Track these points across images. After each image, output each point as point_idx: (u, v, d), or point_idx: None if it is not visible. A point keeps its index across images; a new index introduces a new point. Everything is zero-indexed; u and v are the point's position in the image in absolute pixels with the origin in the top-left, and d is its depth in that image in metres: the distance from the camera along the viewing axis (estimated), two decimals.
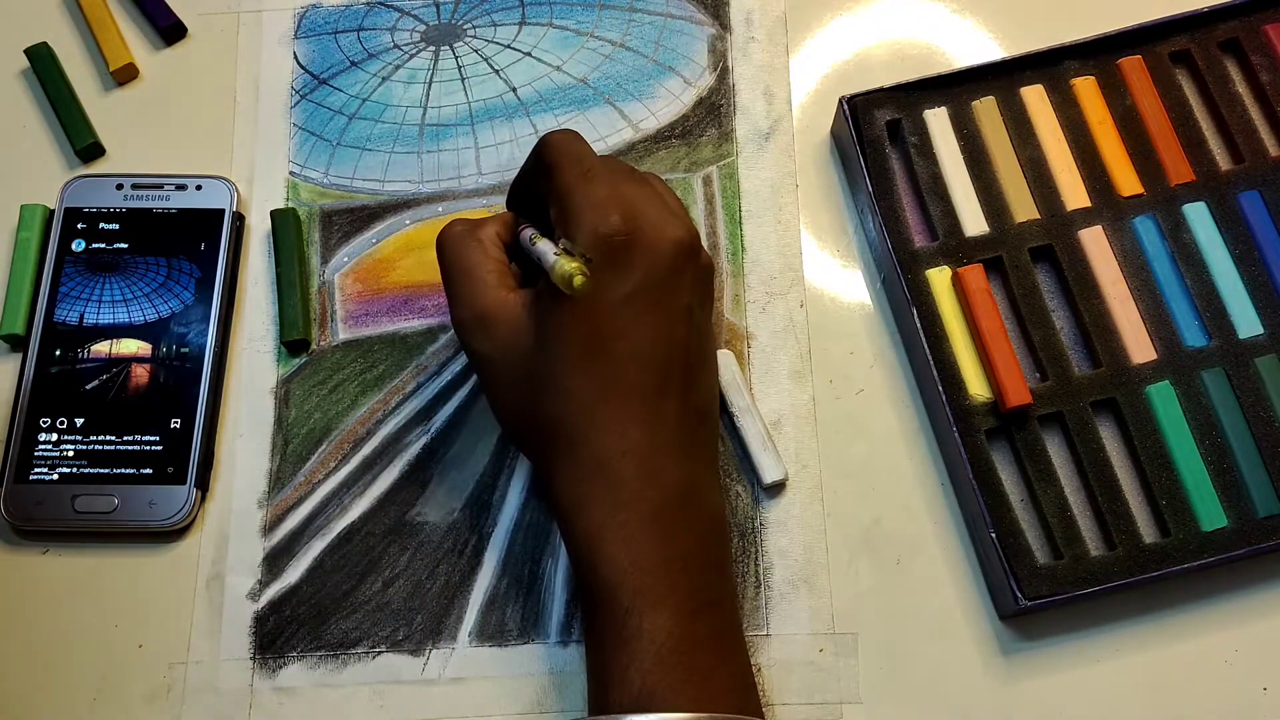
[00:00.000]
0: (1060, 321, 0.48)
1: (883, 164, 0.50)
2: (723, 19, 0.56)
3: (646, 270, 0.41)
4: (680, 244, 0.42)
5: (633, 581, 0.39)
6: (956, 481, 0.47)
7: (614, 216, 0.40)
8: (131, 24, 0.57)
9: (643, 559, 0.40)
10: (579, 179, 0.42)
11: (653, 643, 0.38)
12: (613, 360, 0.41)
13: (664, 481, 0.41)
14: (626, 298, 0.41)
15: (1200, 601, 0.46)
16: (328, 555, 0.48)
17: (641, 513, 0.40)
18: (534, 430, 0.43)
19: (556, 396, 0.41)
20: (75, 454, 0.48)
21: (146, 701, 0.46)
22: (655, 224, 0.41)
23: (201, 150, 0.54)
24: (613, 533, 0.40)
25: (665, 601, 0.39)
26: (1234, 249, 0.48)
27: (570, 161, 0.42)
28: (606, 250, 0.40)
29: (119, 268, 0.51)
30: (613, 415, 0.41)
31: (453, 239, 0.45)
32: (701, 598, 0.40)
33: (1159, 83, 0.51)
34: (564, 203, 0.42)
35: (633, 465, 0.41)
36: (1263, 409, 0.46)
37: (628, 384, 0.41)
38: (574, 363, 0.41)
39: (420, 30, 0.56)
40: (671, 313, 0.42)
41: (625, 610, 0.39)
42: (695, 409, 0.43)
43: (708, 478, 0.43)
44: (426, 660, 0.46)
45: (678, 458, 0.42)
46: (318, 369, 0.51)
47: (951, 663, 0.45)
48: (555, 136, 0.44)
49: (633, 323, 0.41)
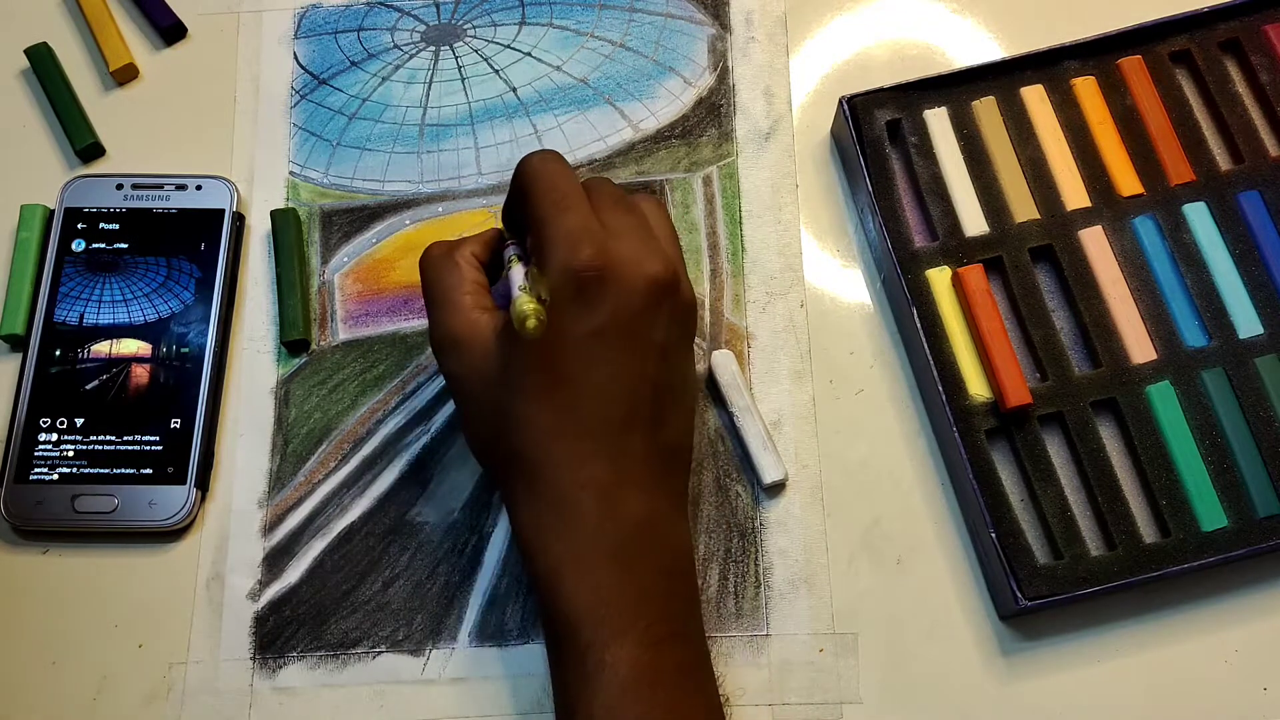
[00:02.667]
0: (1060, 321, 0.48)
1: (883, 164, 0.50)
2: (723, 19, 0.56)
3: (617, 306, 0.40)
4: (656, 281, 0.40)
5: (594, 614, 0.39)
6: (956, 481, 0.47)
7: (586, 250, 0.39)
8: (131, 24, 0.57)
9: (603, 592, 0.39)
10: (552, 208, 0.40)
11: (615, 675, 0.38)
12: (575, 394, 0.40)
13: (625, 515, 0.40)
14: (593, 333, 0.39)
15: (1200, 601, 0.46)
16: (328, 555, 0.48)
17: (601, 547, 0.40)
18: (499, 456, 0.42)
19: (516, 426, 0.40)
20: (75, 454, 0.48)
21: (146, 701, 0.46)
22: (630, 259, 0.40)
23: (201, 150, 0.54)
24: (572, 566, 0.39)
25: (627, 634, 0.38)
26: (1234, 249, 0.48)
27: (545, 189, 0.41)
28: (576, 285, 0.39)
29: (119, 268, 0.51)
30: (572, 449, 0.40)
31: (431, 261, 0.44)
32: (664, 629, 0.39)
33: (1159, 83, 0.51)
34: (536, 232, 0.41)
35: (592, 499, 0.40)
36: (1263, 409, 0.46)
37: (590, 418, 0.40)
38: (535, 394, 0.40)
39: (420, 30, 0.56)
40: (641, 350, 0.41)
41: (586, 644, 0.38)
42: (664, 445, 0.42)
43: (673, 512, 0.42)
44: (426, 660, 0.46)
45: (640, 492, 0.41)
46: (318, 369, 0.51)
47: (951, 663, 0.45)
48: (533, 160, 0.42)
49: (599, 358, 0.40)
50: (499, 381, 0.41)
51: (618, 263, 0.40)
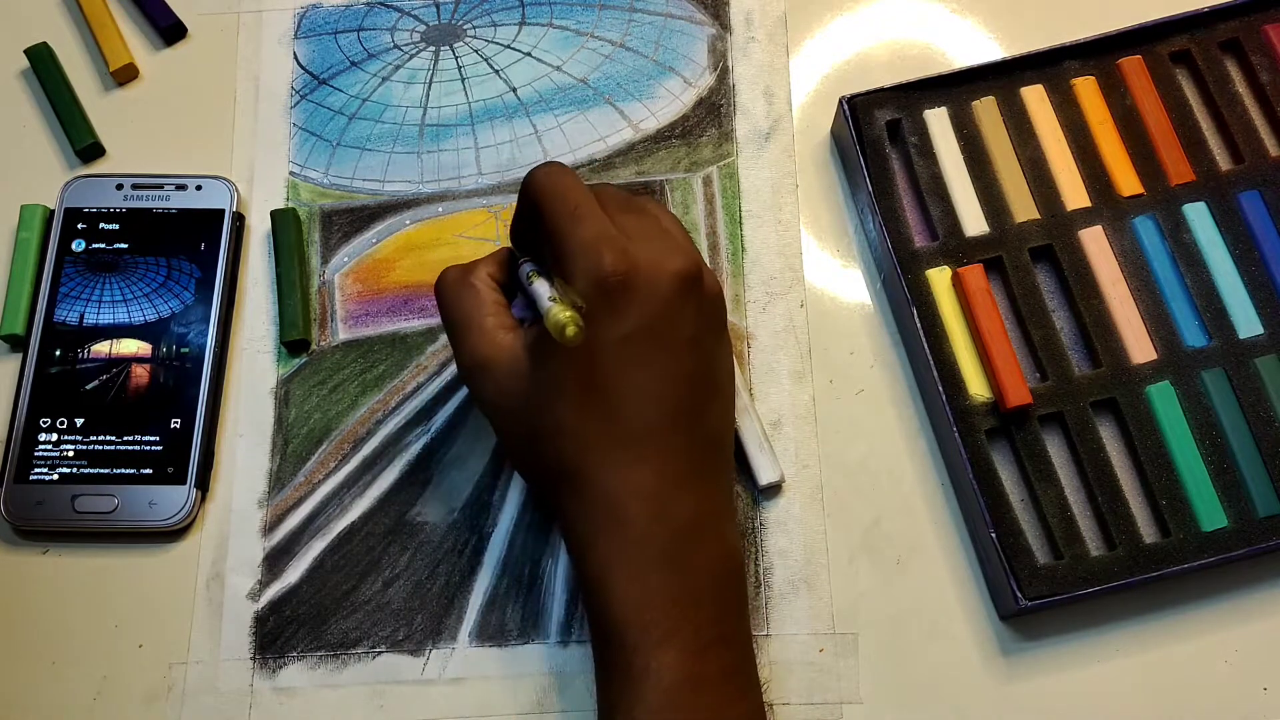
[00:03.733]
0: (1060, 321, 0.48)
1: (883, 164, 0.50)
2: (723, 19, 0.56)
3: (645, 308, 0.40)
4: (680, 276, 0.40)
5: (640, 618, 0.39)
6: (956, 481, 0.47)
7: (607, 257, 0.39)
8: (131, 24, 0.57)
9: (651, 596, 0.39)
10: (567, 219, 0.40)
11: (660, 682, 0.38)
12: (614, 401, 0.40)
13: (674, 516, 0.40)
14: (625, 338, 0.40)
15: (1200, 601, 0.46)
16: (328, 555, 0.48)
17: (650, 550, 0.40)
18: (543, 471, 0.42)
19: (558, 438, 0.41)
20: (75, 454, 0.48)
21: (146, 701, 0.46)
22: (653, 259, 0.40)
23: (201, 150, 0.54)
24: (621, 570, 0.40)
25: (672, 639, 0.39)
26: (1234, 249, 0.48)
27: (556, 201, 0.41)
28: (603, 292, 0.39)
29: (119, 268, 0.51)
30: (616, 455, 0.40)
31: (448, 287, 0.43)
32: (712, 633, 0.40)
33: (1159, 83, 0.51)
34: (555, 245, 0.41)
35: (640, 503, 0.40)
36: (1263, 409, 0.46)
37: (630, 423, 0.40)
38: (574, 404, 0.40)
39: (420, 30, 0.56)
40: (674, 347, 0.41)
41: (632, 648, 0.38)
42: (706, 439, 0.42)
43: (721, 511, 0.42)
44: (426, 660, 0.46)
45: (689, 490, 0.41)
46: (318, 369, 0.51)
47: (951, 663, 0.45)
48: (538, 174, 0.42)
49: (633, 362, 0.40)
50: (534, 398, 0.41)
51: (641, 265, 0.40)
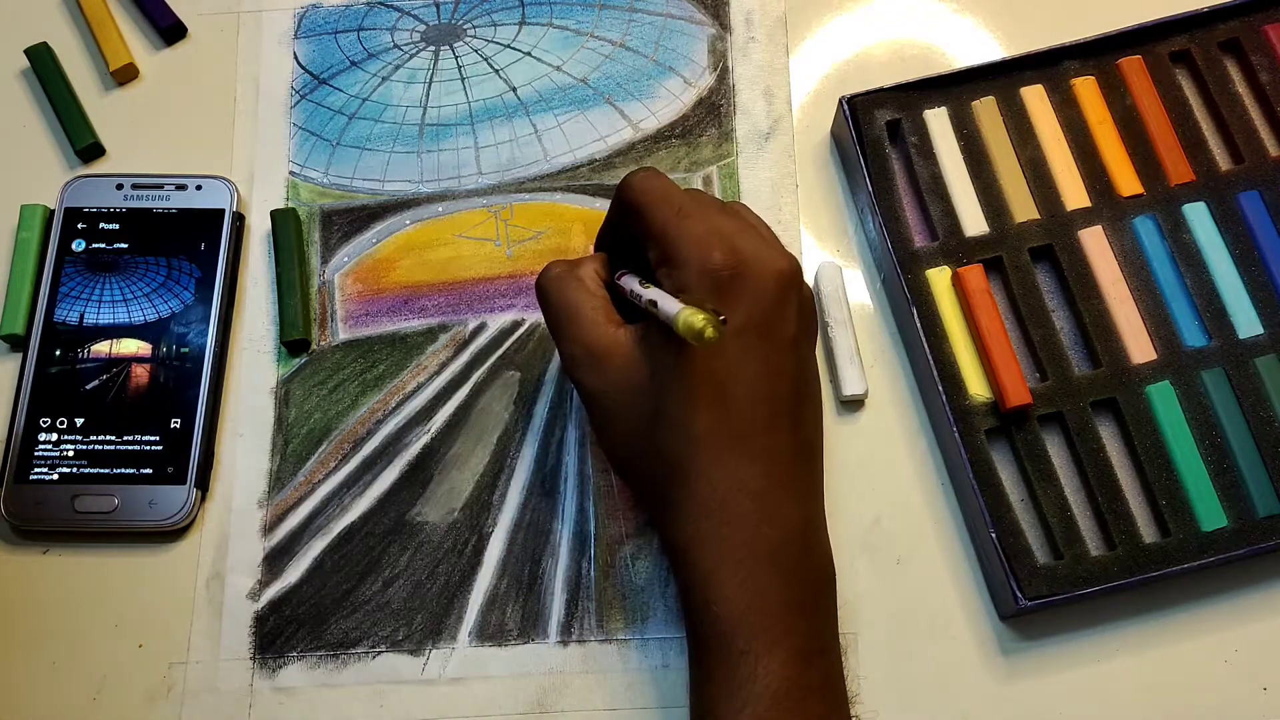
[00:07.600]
0: (1060, 321, 0.48)
1: (883, 164, 0.50)
2: (723, 19, 0.56)
3: (753, 304, 0.40)
4: (784, 275, 0.41)
5: (750, 623, 0.39)
6: (956, 481, 0.47)
7: (718, 252, 0.40)
8: (131, 24, 0.57)
9: (762, 599, 0.39)
10: (673, 217, 0.41)
11: (768, 688, 0.38)
12: (726, 395, 0.40)
13: (782, 519, 0.40)
14: (736, 332, 0.40)
15: (1200, 601, 0.46)
16: (328, 555, 0.48)
17: (759, 552, 0.40)
18: (648, 466, 0.42)
19: (673, 433, 0.40)
20: (75, 454, 0.48)
21: (146, 701, 0.46)
22: (758, 256, 0.41)
23: (201, 150, 0.54)
24: (730, 569, 0.39)
25: (781, 645, 0.39)
26: (1234, 249, 0.48)
27: (659, 201, 0.41)
28: (713, 286, 0.39)
29: (119, 268, 0.51)
30: (729, 452, 0.40)
31: (554, 280, 0.44)
32: (815, 644, 0.40)
33: (1159, 83, 0.51)
34: (662, 243, 0.41)
35: (750, 503, 0.40)
36: (1263, 409, 0.46)
37: (740, 419, 0.40)
38: (687, 398, 0.40)
39: (420, 30, 0.56)
40: (779, 345, 0.41)
41: (741, 652, 0.38)
42: (804, 443, 0.42)
43: (821, 517, 0.43)
44: (426, 660, 0.46)
45: (793, 496, 0.41)
46: (318, 369, 0.51)
47: (951, 663, 0.45)
48: (636, 178, 0.42)
49: (743, 356, 0.40)
50: (648, 390, 0.41)
51: (749, 260, 0.40)
